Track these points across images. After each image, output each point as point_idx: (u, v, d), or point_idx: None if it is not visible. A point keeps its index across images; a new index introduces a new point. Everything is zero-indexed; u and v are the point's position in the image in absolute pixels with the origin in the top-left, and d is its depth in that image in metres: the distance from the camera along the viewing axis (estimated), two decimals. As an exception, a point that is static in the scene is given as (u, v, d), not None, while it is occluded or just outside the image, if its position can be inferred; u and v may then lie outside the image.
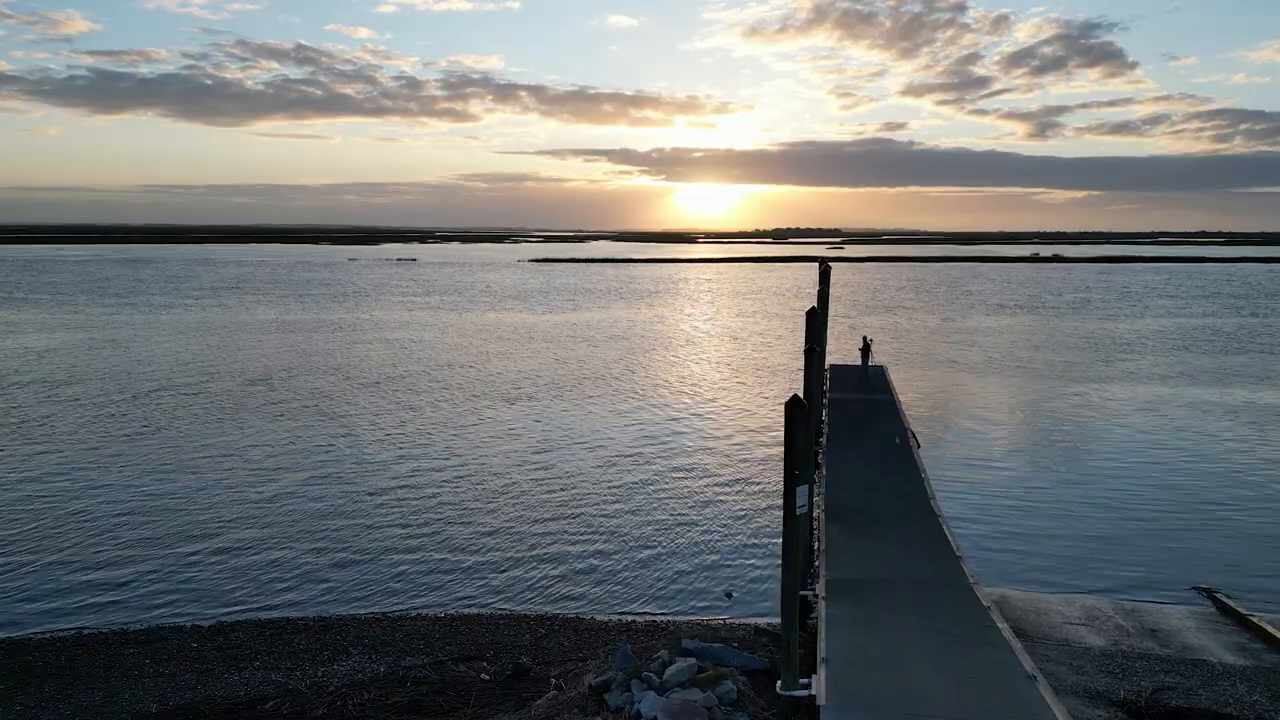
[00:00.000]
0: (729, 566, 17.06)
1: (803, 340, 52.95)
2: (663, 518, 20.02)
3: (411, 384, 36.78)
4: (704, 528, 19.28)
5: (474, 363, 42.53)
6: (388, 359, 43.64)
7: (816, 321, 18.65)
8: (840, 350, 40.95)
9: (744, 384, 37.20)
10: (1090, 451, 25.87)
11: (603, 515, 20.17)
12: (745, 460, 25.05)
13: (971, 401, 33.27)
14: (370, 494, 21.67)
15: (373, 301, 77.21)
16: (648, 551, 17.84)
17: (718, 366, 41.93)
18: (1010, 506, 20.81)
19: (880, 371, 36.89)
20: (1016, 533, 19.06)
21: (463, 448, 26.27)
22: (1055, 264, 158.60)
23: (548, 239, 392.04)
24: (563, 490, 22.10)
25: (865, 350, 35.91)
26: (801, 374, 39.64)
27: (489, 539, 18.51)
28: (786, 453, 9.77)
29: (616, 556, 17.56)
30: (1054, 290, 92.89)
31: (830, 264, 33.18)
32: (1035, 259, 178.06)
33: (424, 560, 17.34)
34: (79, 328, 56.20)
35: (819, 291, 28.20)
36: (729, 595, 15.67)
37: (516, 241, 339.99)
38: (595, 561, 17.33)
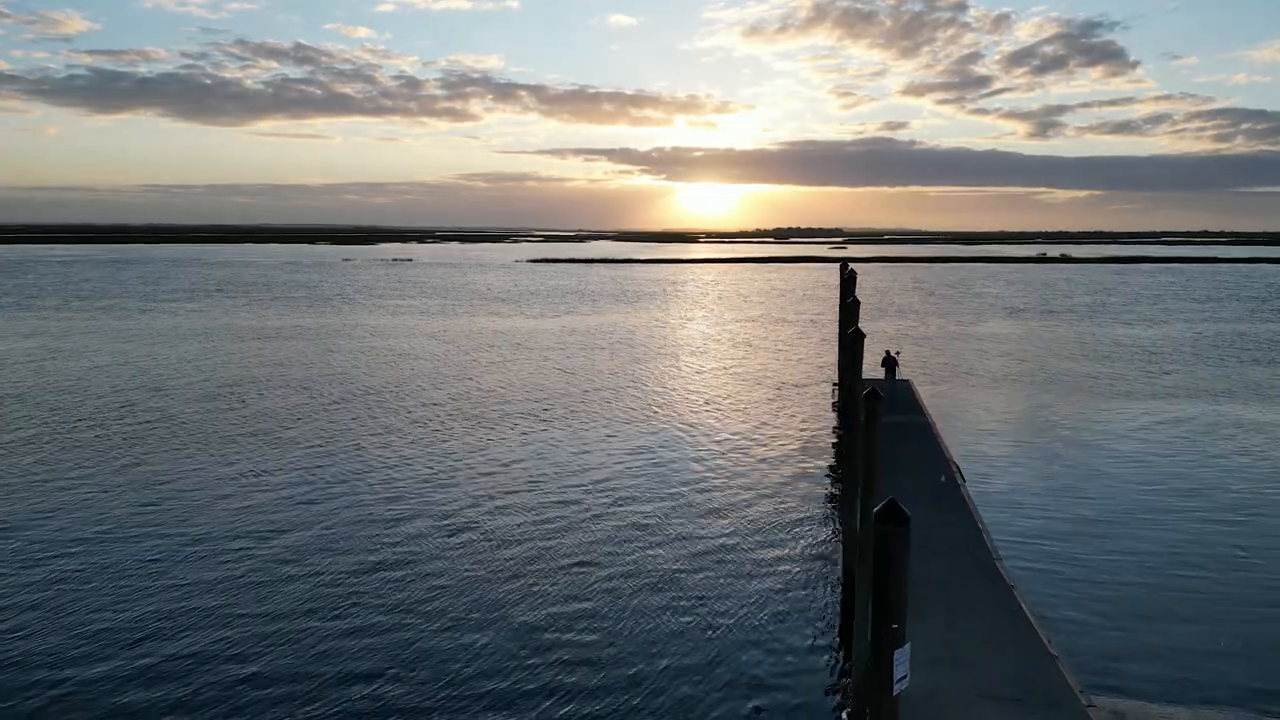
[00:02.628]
0: (755, 667, 13.28)
1: (817, 348, 48.88)
2: (668, 591, 16.25)
3: (384, 403, 33.00)
4: (722, 609, 15.51)
5: (461, 375, 38.76)
6: (362, 371, 39.85)
7: (859, 346, 14.88)
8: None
9: (765, 403, 33.40)
10: (1174, 493, 22.04)
11: (594, 588, 16.41)
12: (774, 512, 21.25)
13: (1016, 424, 29.47)
14: (304, 561, 17.90)
15: (358, 305, 73.46)
16: (649, 644, 14.06)
17: (733, 380, 38.14)
18: (1090, 571, 17.00)
19: (906, 387, 33.20)
20: (1105, 609, 15.27)
21: (434, 488, 22.50)
22: (1064, 264, 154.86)
23: (548, 239, 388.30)
24: (548, 549, 18.34)
25: (890, 364, 32.17)
26: (826, 392, 35.91)
27: (452, 617, 14.77)
28: (878, 594, 6.05)
29: (608, 652, 13.79)
30: (1067, 292, 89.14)
31: (853, 268, 29.45)
32: (1043, 259, 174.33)
33: (363, 660, 13.59)
34: (35, 334, 52.43)
35: (847, 303, 24.45)
36: (758, 711, 11.91)
37: (516, 241, 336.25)
38: (581, 655, 13.57)
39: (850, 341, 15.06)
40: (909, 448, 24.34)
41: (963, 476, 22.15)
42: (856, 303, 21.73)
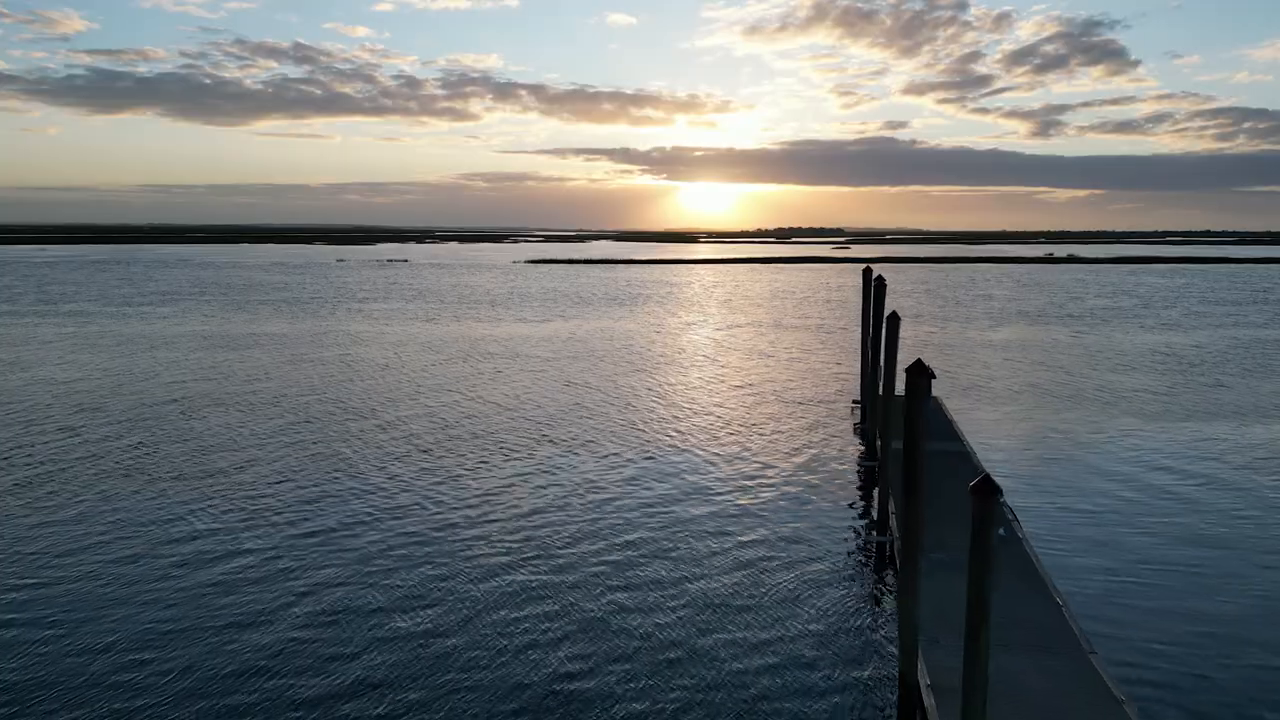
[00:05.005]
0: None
1: (829, 358, 44.85)
2: (684, 670, 12.53)
3: (355, 425, 29.23)
4: (754, 686, 11.80)
5: (444, 390, 34.96)
6: (333, 386, 36.05)
7: (924, 386, 11.10)
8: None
9: (779, 425, 29.63)
10: None
11: (598, 670, 12.70)
12: (812, 560, 17.55)
13: (1067, 452, 25.55)
14: (254, 620, 14.19)
15: (341, 309, 69.66)
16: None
17: (741, 396, 34.32)
18: (1207, 677, 13.24)
19: (937, 406, 29.56)
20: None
21: (405, 533, 18.74)
22: (1072, 265, 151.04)
23: (548, 239, 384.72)
24: (547, 613, 14.62)
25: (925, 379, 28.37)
26: (845, 410, 32.12)
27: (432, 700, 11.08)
28: None
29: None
30: (1081, 295, 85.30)
31: (881, 274, 25.70)
32: (1050, 259, 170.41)
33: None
34: (-12, 343, 48.75)
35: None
36: None
37: (517, 241, 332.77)
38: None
39: (912, 380, 11.28)
40: (951, 484, 20.63)
41: (1017, 520, 18.48)
42: (897, 318, 17.94)
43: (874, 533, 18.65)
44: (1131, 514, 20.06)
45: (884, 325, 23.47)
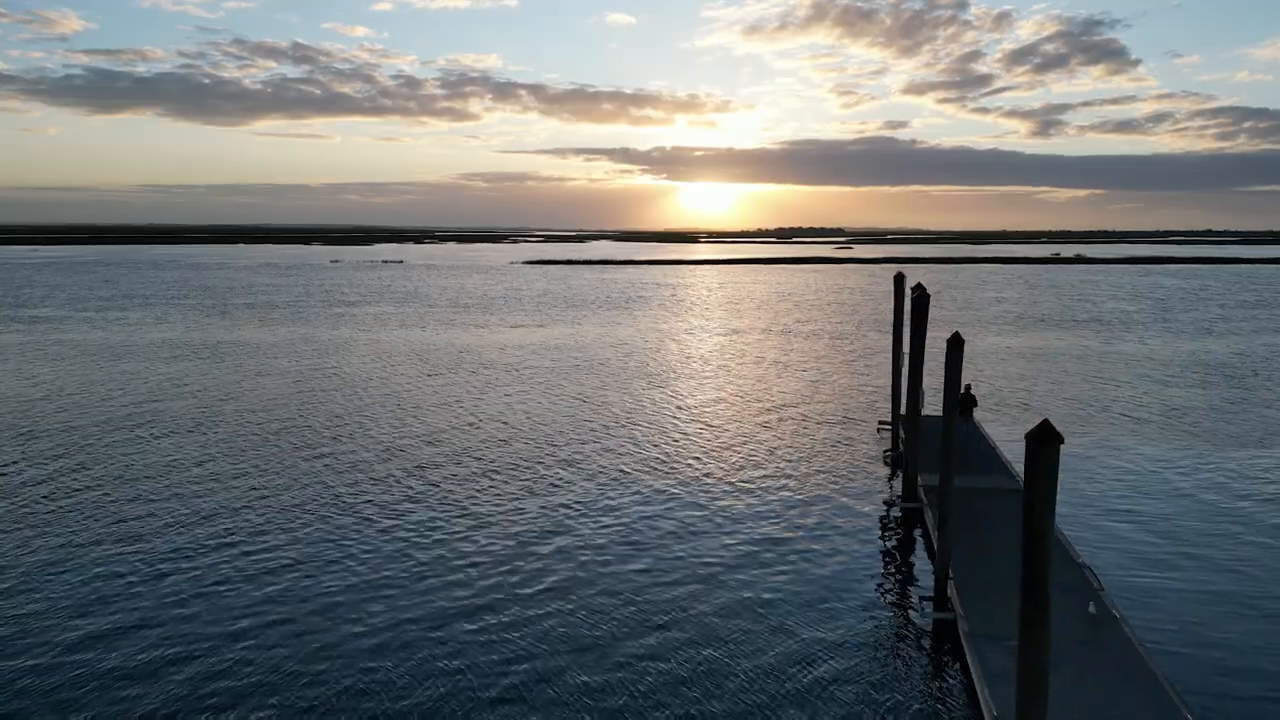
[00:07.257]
0: None
1: (847, 369, 41.05)
2: None
3: (327, 448, 25.80)
4: None
5: (433, 405, 31.50)
6: (303, 402, 32.57)
7: (1052, 458, 7.72)
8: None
9: (812, 445, 26.25)
10: None
11: None
12: (858, 642, 14.20)
13: (1149, 493, 21.88)
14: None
15: (324, 314, 66.18)
16: None
17: (764, 412, 30.89)
18: None
19: (978, 432, 26.24)
20: None
21: (387, 569, 15.35)
22: (1079, 265, 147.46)
23: (548, 239, 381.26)
24: (551, 689, 11.27)
25: (965, 403, 24.90)
26: (870, 433, 28.20)
27: None
28: None
29: None
30: (1096, 297, 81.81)
31: (921, 283, 22.26)
32: (1057, 259, 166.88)
33: None
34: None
35: (914, 332, 17.18)
36: None
37: (516, 242, 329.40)
38: None
39: (1036, 449, 7.91)
40: (1008, 535, 17.21)
41: (1103, 589, 15.13)
42: (960, 341, 14.48)
43: (928, 605, 15.22)
44: (1237, 575, 16.64)
45: (926, 344, 20.10)
